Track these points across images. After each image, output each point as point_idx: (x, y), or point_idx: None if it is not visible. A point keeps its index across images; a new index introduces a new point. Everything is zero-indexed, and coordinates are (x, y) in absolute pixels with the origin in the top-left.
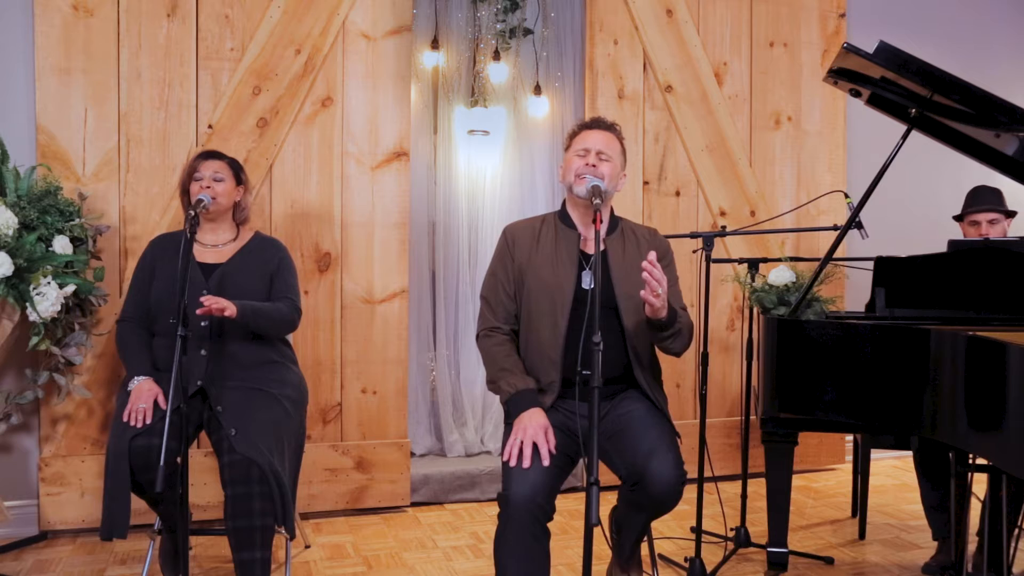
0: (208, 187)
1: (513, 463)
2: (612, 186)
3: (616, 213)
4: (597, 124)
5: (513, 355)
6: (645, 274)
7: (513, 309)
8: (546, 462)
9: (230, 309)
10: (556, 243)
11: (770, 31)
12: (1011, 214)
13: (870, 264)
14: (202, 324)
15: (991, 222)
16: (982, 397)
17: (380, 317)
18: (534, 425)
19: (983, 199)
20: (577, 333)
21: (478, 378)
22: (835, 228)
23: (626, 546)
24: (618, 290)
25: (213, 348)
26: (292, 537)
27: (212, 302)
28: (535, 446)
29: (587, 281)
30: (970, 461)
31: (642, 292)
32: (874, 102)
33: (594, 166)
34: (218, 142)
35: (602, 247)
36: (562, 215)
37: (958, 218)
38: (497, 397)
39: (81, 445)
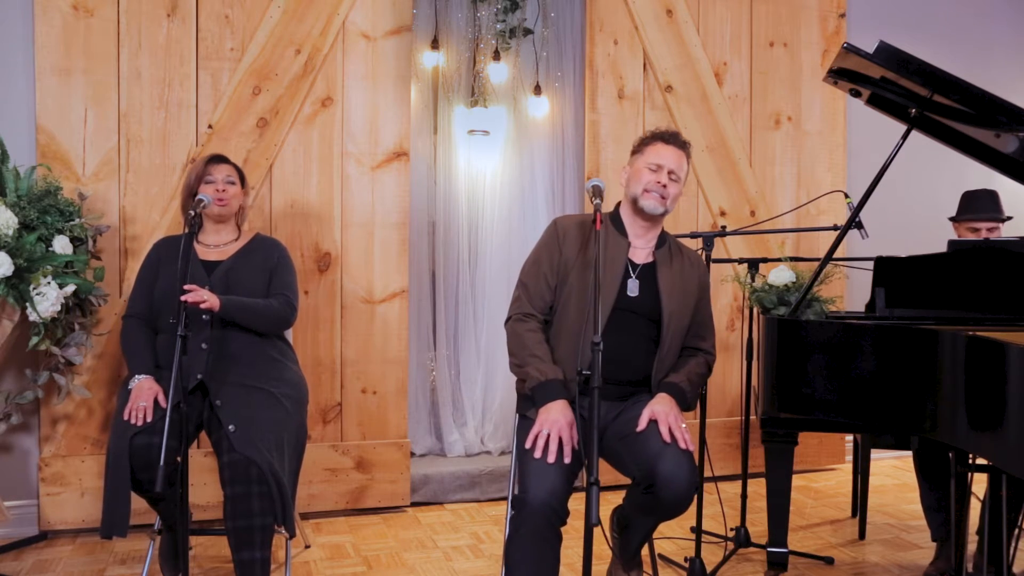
0: (223, 190)
1: (538, 454)
2: (672, 206)
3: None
4: (674, 140)
5: (544, 344)
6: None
7: (550, 300)
8: (568, 459)
9: (211, 302)
10: (606, 247)
11: (770, 31)
12: (1007, 219)
13: (870, 264)
14: (203, 317)
15: (990, 229)
16: (982, 397)
17: (380, 317)
18: (562, 420)
19: (983, 206)
20: (613, 338)
21: (478, 378)
22: (835, 228)
23: (631, 546)
24: (665, 304)
25: (214, 342)
26: (292, 537)
27: (194, 295)
28: (559, 442)
29: (632, 289)
30: (970, 461)
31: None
32: (874, 102)
33: (664, 186)
34: (218, 142)
35: (651, 259)
36: (614, 218)
37: (953, 219)
38: (495, 398)
39: (81, 445)
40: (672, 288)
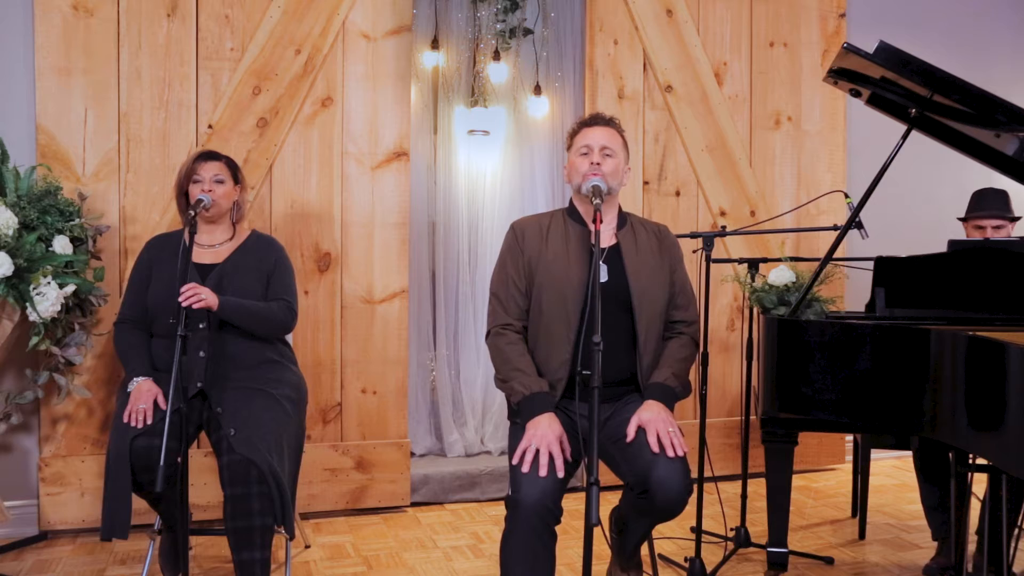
0: (210, 190)
1: (526, 469)
2: (617, 182)
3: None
4: (596, 120)
5: (527, 355)
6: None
7: (524, 304)
8: (561, 473)
9: (208, 300)
10: (566, 238)
11: (770, 31)
12: (1016, 219)
13: (870, 264)
14: (200, 326)
15: (996, 228)
16: (982, 397)
17: (380, 317)
18: (550, 435)
19: (989, 204)
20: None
21: (478, 378)
22: (835, 228)
23: (628, 547)
24: (633, 286)
25: (212, 350)
26: (292, 537)
27: (191, 293)
28: (550, 455)
29: (602, 274)
30: (970, 461)
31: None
32: (874, 102)
33: (598, 164)
34: (218, 142)
35: (613, 241)
36: (570, 211)
37: (963, 219)
38: (496, 398)
39: (81, 445)
40: (639, 268)
